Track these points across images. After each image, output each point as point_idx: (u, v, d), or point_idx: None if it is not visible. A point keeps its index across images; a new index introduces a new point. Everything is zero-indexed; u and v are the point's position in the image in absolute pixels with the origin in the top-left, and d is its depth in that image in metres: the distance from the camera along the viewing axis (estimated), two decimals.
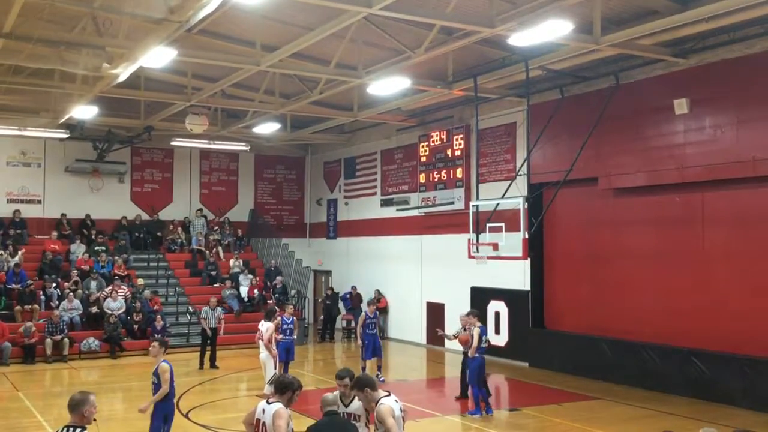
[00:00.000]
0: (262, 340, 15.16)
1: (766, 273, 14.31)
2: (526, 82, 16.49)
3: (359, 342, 17.18)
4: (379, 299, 23.44)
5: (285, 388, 6.96)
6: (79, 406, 5.93)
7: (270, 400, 6.93)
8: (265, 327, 15.20)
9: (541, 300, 19.41)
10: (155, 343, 9.90)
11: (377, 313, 17.62)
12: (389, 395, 7.04)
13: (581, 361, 17.63)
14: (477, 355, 13.76)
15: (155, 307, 22.25)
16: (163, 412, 9.64)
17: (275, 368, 15.05)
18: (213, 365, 19.24)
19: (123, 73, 15.02)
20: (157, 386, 9.61)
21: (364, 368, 16.29)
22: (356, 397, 7.13)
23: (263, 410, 6.85)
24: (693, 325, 15.53)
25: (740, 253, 14.81)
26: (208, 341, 19.31)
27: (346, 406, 6.95)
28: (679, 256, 15.91)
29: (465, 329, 14.31)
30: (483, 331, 13.96)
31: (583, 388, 16.26)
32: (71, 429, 5.88)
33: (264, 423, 6.76)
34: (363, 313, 17.57)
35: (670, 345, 15.78)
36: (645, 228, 16.70)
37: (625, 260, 17.08)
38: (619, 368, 16.67)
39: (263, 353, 15.23)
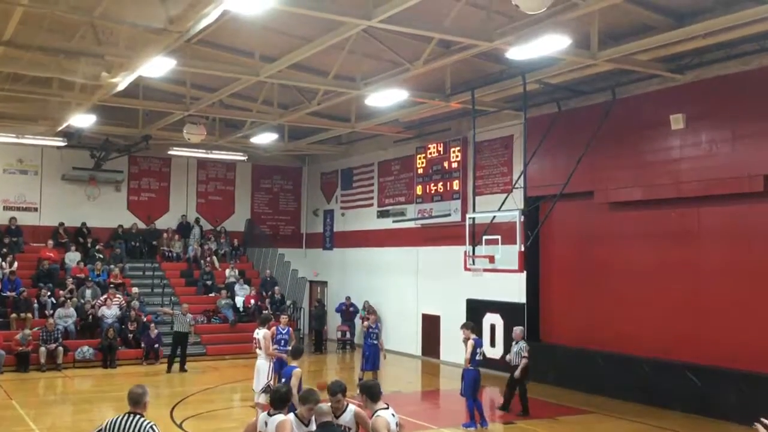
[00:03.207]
0: (260, 348, 15.00)
1: (761, 288, 14.36)
2: (523, 96, 16.55)
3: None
4: (370, 310, 23.43)
5: (282, 401, 6.98)
6: (141, 397, 6.52)
7: (271, 412, 6.93)
8: (261, 334, 15.10)
9: (536, 313, 19.42)
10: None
11: (378, 323, 17.61)
12: (387, 408, 7.07)
13: (576, 375, 17.62)
14: (471, 367, 13.76)
15: (141, 317, 22.16)
16: None
17: (269, 378, 14.94)
18: (182, 369, 20.08)
19: (122, 82, 15.07)
20: None
21: (361, 379, 16.25)
22: (347, 409, 7.13)
23: (265, 423, 6.85)
24: (688, 339, 15.55)
25: (735, 268, 14.86)
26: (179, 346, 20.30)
27: (337, 418, 6.95)
28: (674, 270, 15.95)
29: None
30: (478, 344, 13.96)
31: (578, 401, 16.26)
32: (133, 416, 6.43)
33: None
34: (366, 323, 17.60)
35: (665, 359, 15.79)
36: (641, 242, 16.74)
37: (621, 274, 17.11)
38: (614, 382, 16.66)
39: (260, 360, 15.15)
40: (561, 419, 14.63)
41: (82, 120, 20.05)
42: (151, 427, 6.36)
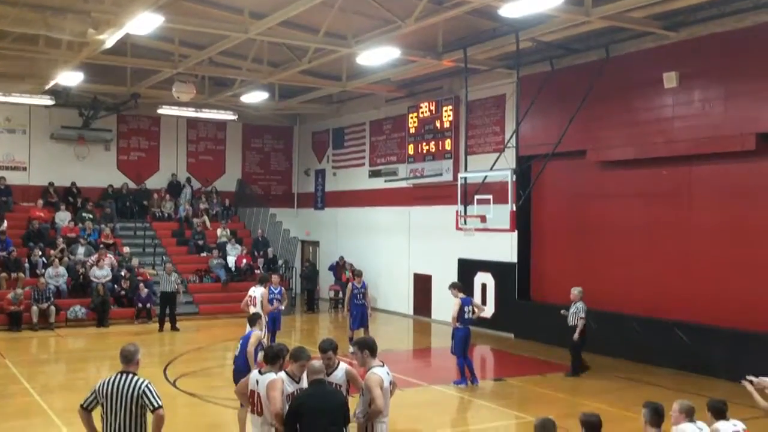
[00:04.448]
0: (254, 305, 15.02)
1: (751, 246, 14.46)
2: (516, 54, 16.40)
3: (346, 312, 17.27)
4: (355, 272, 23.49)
5: (276, 358, 7.01)
6: (134, 355, 6.56)
7: (262, 371, 6.96)
8: (259, 292, 15.10)
9: (527, 272, 19.52)
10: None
11: (365, 283, 17.67)
12: (382, 366, 7.14)
13: (566, 333, 17.73)
14: (461, 326, 13.84)
15: (139, 278, 22.20)
16: None
17: (262, 335, 15.00)
18: (173, 327, 20.15)
19: (109, 39, 14.84)
20: None
21: (351, 338, 16.37)
22: (338, 367, 7.17)
23: (257, 381, 6.89)
24: (677, 297, 15.70)
25: (725, 227, 14.94)
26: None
27: (328, 375, 6.98)
28: (665, 229, 16.02)
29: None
30: (466, 302, 14.02)
31: (568, 358, 16.36)
32: (126, 375, 6.45)
33: (258, 394, 6.80)
34: (350, 284, 17.65)
35: (655, 317, 15.95)
36: (632, 201, 16.78)
37: (612, 233, 17.18)
38: (603, 339, 16.77)
39: None
40: (550, 376, 14.81)
41: (70, 78, 19.81)
42: (147, 386, 6.37)
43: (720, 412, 6.93)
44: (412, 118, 22.99)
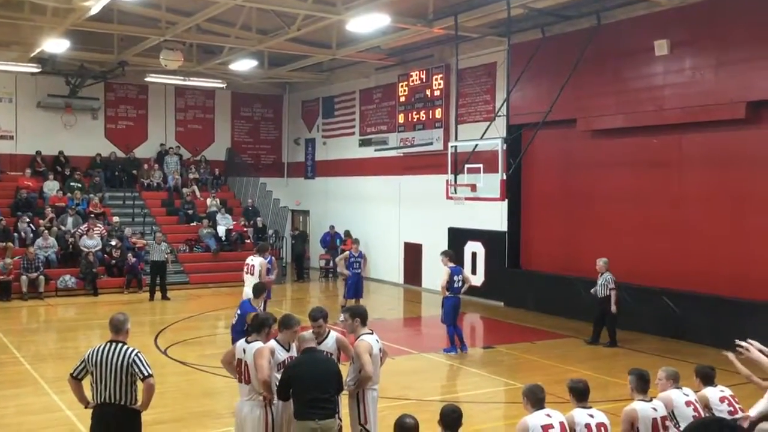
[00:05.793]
0: (251, 274, 14.96)
1: (739, 215, 14.54)
2: (507, 21, 16.27)
3: (341, 272, 17.23)
4: (354, 240, 23.49)
5: (261, 326, 7.00)
6: (123, 324, 6.56)
7: (249, 339, 6.96)
8: (258, 262, 15.07)
9: (517, 241, 19.58)
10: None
11: (362, 252, 17.66)
12: (371, 333, 7.19)
13: (555, 301, 17.90)
14: (450, 294, 13.88)
15: (135, 243, 22.15)
16: None
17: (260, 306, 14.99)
18: (164, 296, 20.22)
19: (95, 5, 14.61)
20: None
21: (343, 306, 16.41)
22: (329, 335, 7.19)
23: (243, 350, 6.88)
24: (665, 265, 15.79)
25: (714, 196, 14.99)
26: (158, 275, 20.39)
27: (319, 344, 7.00)
28: (654, 197, 16.07)
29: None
30: (455, 271, 14.04)
31: (557, 326, 16.57)
32: (116, 344, 6.45)
33: (246, 362, 6.80)
34: (347, 252, 17.66)
35: (643, 285, 16.04)
36: (622, 169, 16.80)
37: (602, 201, 17.22)
38: (592, 307, 16.84)
39: (248, 288, 15.16)
40: (539, 343, 14.92)
41: (56, 45, 19.52)
42: (136, 354, 6.37)
43: (708, 378, 7.00)
44: (402, 86, 22.85)
